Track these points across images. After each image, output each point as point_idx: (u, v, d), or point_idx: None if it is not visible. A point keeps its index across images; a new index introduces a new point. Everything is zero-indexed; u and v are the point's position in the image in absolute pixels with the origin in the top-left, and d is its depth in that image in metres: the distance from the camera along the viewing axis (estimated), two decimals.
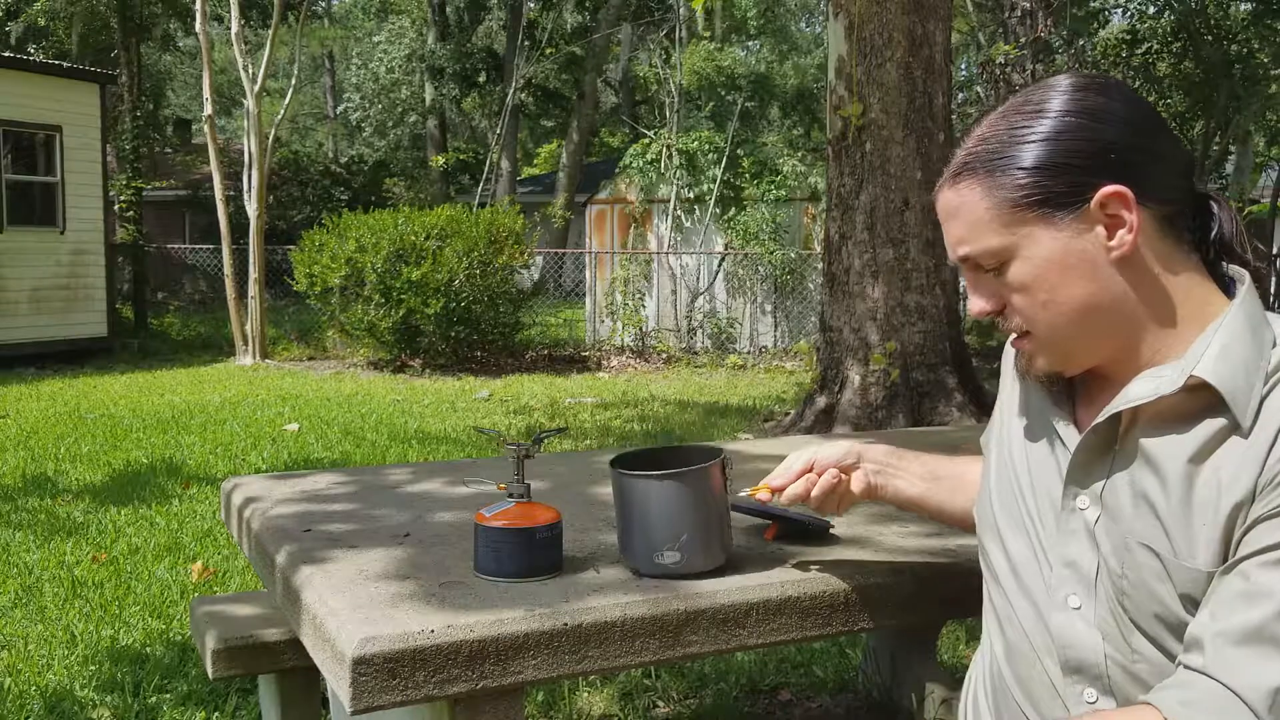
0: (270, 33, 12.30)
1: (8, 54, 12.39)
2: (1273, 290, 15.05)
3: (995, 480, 1.20)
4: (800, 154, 13.00)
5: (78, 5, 19.31)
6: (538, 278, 14.92)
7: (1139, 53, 12.67)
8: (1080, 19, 12.23)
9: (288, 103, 13.72)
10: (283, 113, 13.86)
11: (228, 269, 12.05)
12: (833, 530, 1.65)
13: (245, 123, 12.21)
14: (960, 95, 16.27)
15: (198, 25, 11.99)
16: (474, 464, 2.28)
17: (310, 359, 11.83)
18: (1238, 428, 0.98)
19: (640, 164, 13.17)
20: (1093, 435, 1.06)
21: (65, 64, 13.81)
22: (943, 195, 1.09)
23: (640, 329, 12.50)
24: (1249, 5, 12.45)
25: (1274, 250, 14.56)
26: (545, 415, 7.73)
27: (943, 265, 6.42)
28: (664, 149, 13.06)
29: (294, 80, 14.42)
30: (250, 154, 11.90)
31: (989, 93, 12.01)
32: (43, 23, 20.17)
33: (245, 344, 11.81)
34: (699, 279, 12.84)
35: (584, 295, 14.07)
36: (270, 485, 2.00)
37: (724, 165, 12.68)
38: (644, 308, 12.85)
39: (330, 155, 29.09)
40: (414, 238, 10.21)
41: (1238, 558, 0.95)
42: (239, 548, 2.67)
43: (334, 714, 2.02)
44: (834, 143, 6.51)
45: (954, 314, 6.66)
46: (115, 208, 14.84)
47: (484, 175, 19.78)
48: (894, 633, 2.48)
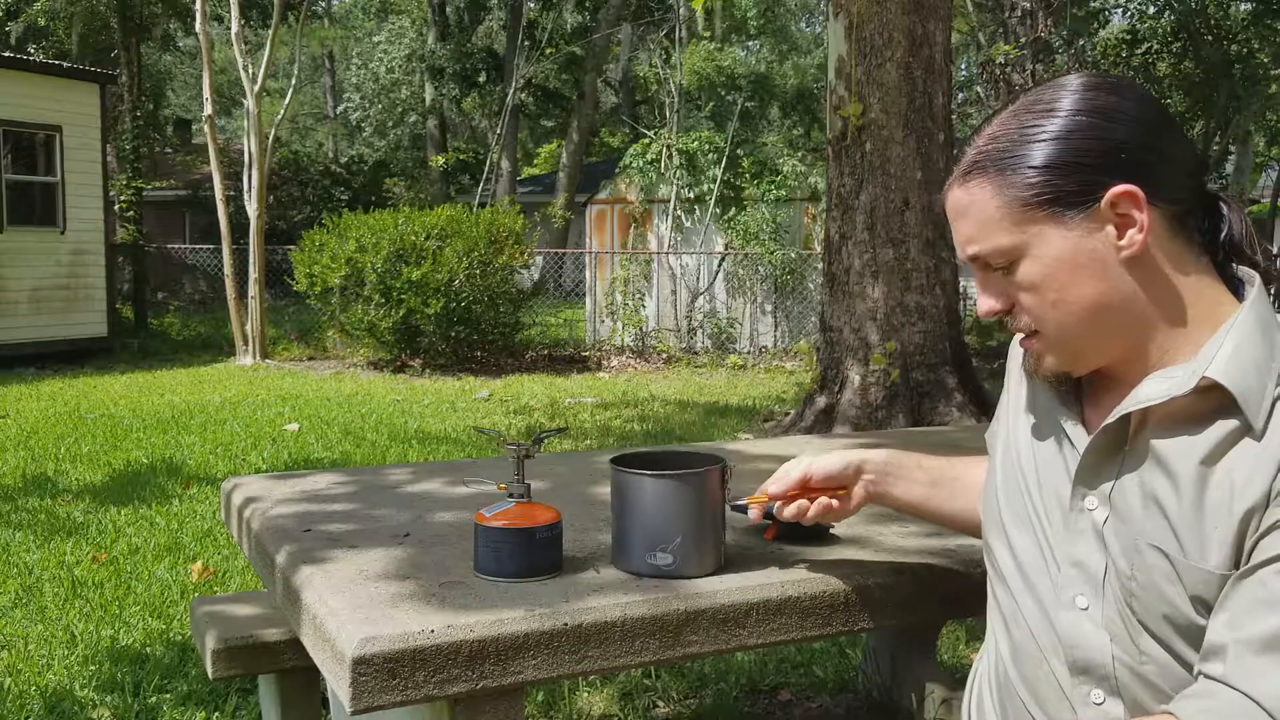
0: (270, 33, 12.30)
1: (8, 54, 12.39)
2: (1273, 291, 15.07)
3: (1001, 479, 1.20)
4: (800, 154, 12.99)
5: (78, 5, 19.31)
6: (538, 278, 14.92)
7: (1139, 53, 12.67)
8: (1080, 19, 12.23)
9: (288, 103, 13.72)
10: (283, 113, 13.86)
11: (228, 269, 12.05)
12: (833, 530, 1.65)
13: (245, 123, 12.21)
14: (960, 95, 16.27)
15: (198, 25, 11.99)
16: (474, 464, 2.28)
17: (310, 359, 11.83)
18: (1250, 429, 0.97)
19: (640, 164, 13.17)
20: (1102, 436, 1.06)
21: (65, 64, 13.82)
22: (952, 194, 1.09)
23: (640, 329, 12.50)
24: (1249, 5, 12.45)
25: (1275, 250, 14.57)
26: (545, 415, 7.73)
27: (943, 265, 6.41)
28: (664, 149, 13.06)
29: (294, 80, 14.42)
30: (250, 154, 11.90)
31: (989, 93, 12.01)
32: (43, 23, 20.17)
33: (245, 344, 11.81)
34: (699, 279, 12.84)
35: (584, 295, 14.07)
36: (270, 485, 2.00)
37: (724, 165, 12.68)
38: (644, 308, 12.85)
39: (330, 155, 29.09)
40: (414, 238, 10.21)
41: (1254, 564, 0.95)
42: (239, 548, 2.67)
43: (334, 714, 2.02)
44: (834, 143, 6.51)
45: (954, 314, 6.66)
46: (115, 208, 14.84)
47: (484, 175, 19.78)
48: (894, 633, 2.48)
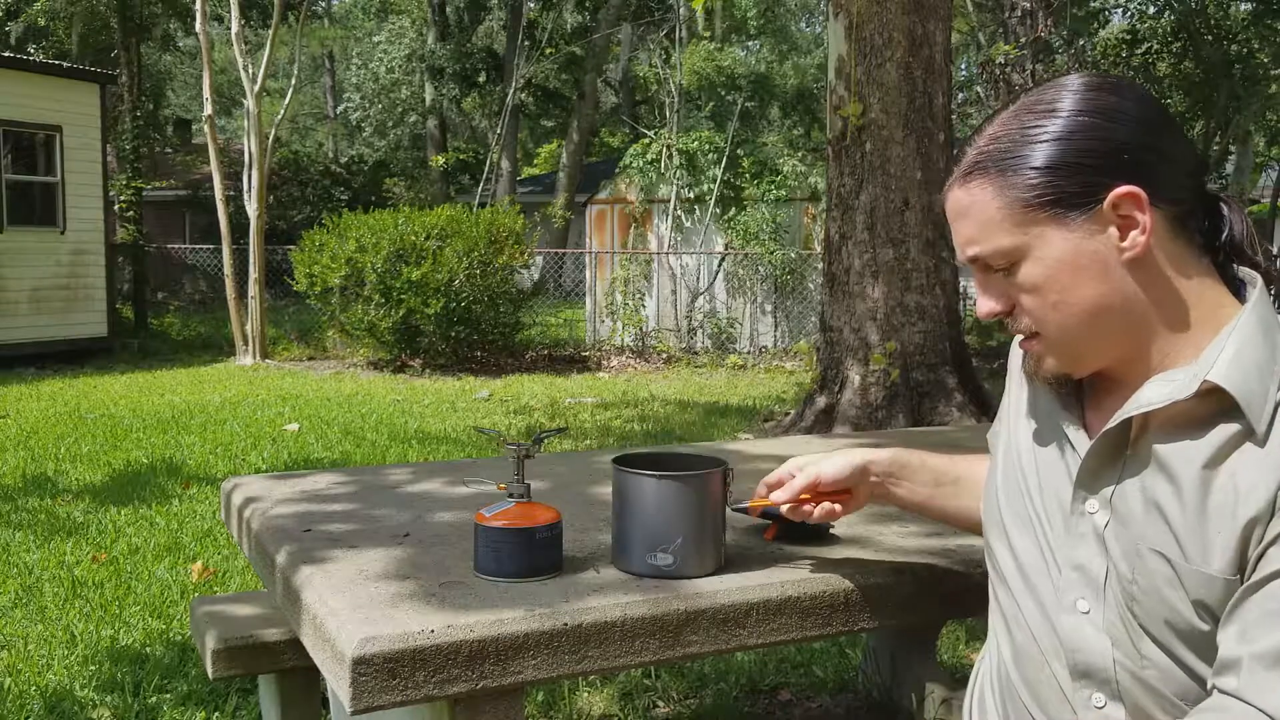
0: (270, 33, 12.30)
1: (8, 54, 12.39)
2: (1273, 290, 15.07)
3: (1003, 480, 1.19)
4: (800, 154, 12.99)
5: (78, 5, 19.31)
6: (538, 278, 14.92)
7: (1139, 53, 12.67)
8: (1080, 19, 12.23)
9: (288, 103, 13.72)
10: (283, 113, 13.86)
11: (228, 269, 12.05)
12: (832, 530, 1.65)
13: (245, 123, 12.21)
14: (960, 95, 16.28)
15: (198, 25, 11.99)
16: (474, 464, 2.28)
17: (310, 359, 11.83)
18: (1252, 433, 0.97)
19: (640, 164, 13.17)
20: (1103, 440, 1.05)
21: (65, 64, 13.81)
22: (952, 194, 1.08)
23: (640, 329, 12.50)
24: (1249, 5, 12.45)
25: (1275, 250, 14.56)
26: (545, 415, 7.73)
27: (943, 265, 6.41)
28: (664, 149, 13.06)
29: (294, 80, 14.42)
30: (250, 154, 11.90)
31: (989, 93, 12.01)
32: (43, 23, 20.17)
33: (245, 344, 11.81)
34: (699, 279, 12.84)
35: (584, 295, 14.07)
36: (270, 485, 2.00)
37: (724, 165, 12.68)
38: (644, 308, 12.85)
39: (330, 155, 29.10)
40: (414, 238, 10.21)
41: (1264, 576, 0.94)
42: (239, 548, 2.67)
43: (334, 714, 2.02)
44: (834, 143, 6.51)
45: (954, 314, 6.66)
46: (115, 208, 14.84)
47: (484, 175, 19.78)
48: (894, 633, 2.48)
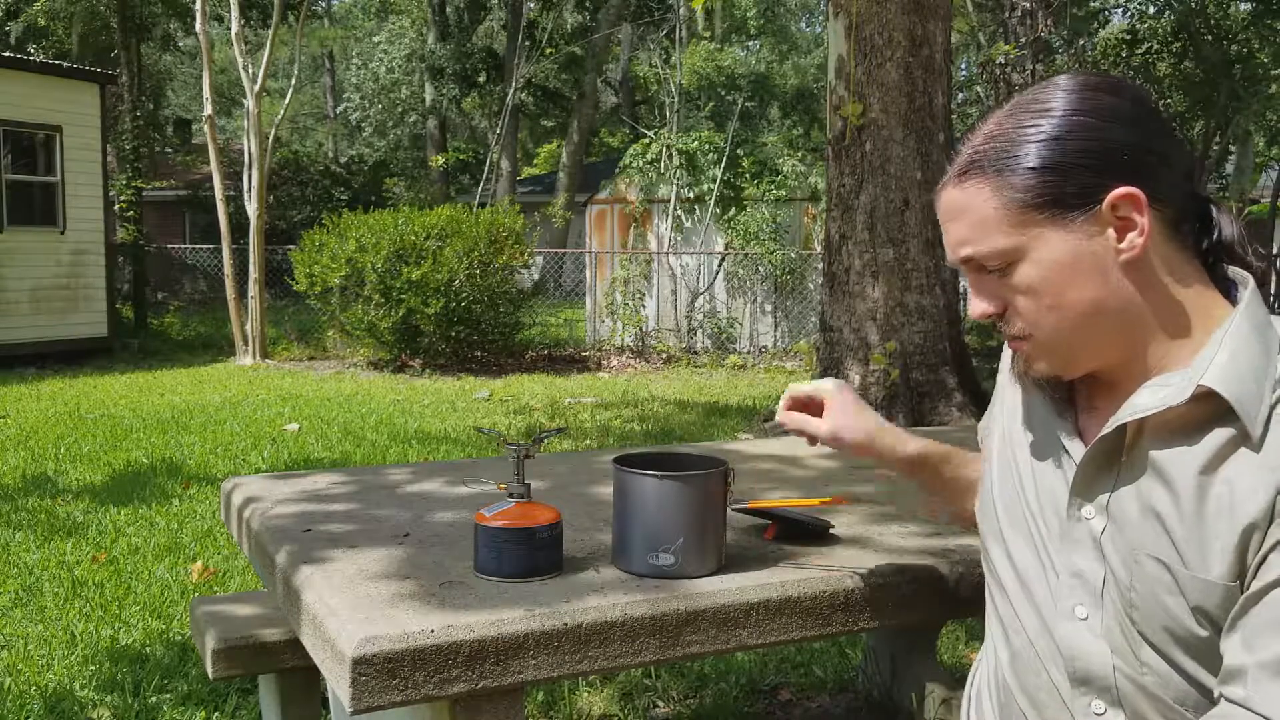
0: (270, 33, 12.30)
1: (8, 54, 12.38)
2: (1273, 291, 15.05)
3: (1000, 488, 1.18)
4: (800, 154, 12.99)
5: (78, 5, 19.32)
6: (538, 278, 14.93)
7: (1139, 53, 12.66)
8: (1080, 19, 12.23)
9: (288, 103, 13.72)
10: (283, 113, 13.86)
11: (228, 269, 12.05)
12: (833, 530, 1.65)
13: (245, 123, 12.21)
14: (960, 95, 16.29)
15: (198, 25, 11.99)
16: (474, 464, 2.28)
17: (310, 359, 11.83)
18: (1248, 438, 0.96)
19: (640, 164, 13.17)
20: (1098, 446, 1.05)
21: (65, 64, 13.80)
22: (947, 194, 1.06)
23: (640, 329, 12.50)
24: (1249, 5, 12.44)
25: (1274, 250, 14.56)
26: (545, 415, 7.73)
27: (943, 265, 6.41)
28: (664, 149, 13.06)
29: (294, 80, 14.41)
30: (250, 154, 11.90)
31: (989, 93, 12.01)
32: (43, 23, 20.18)
33: (245, 344, 11.81)
34: (699, 279, 12.84)
35: (584, 295, 14.07)
36: (270, 485, 2.00)
37: (724, 165, 12.68)
38: (644, 308, 12.85)
39: (330, 155, 29.09)
40: (414, 238, 10.21)
41: (1266, 583, 0.93)
42: (239, 548, 2.67)
43: (334, 714, 2.02)
44: (834, 143, 6.51)
45: (954, 314, 6.66)
46: (115, 208, 14.84)
47: (484, 175, 19.78)
48: (894, 633, 2.48)
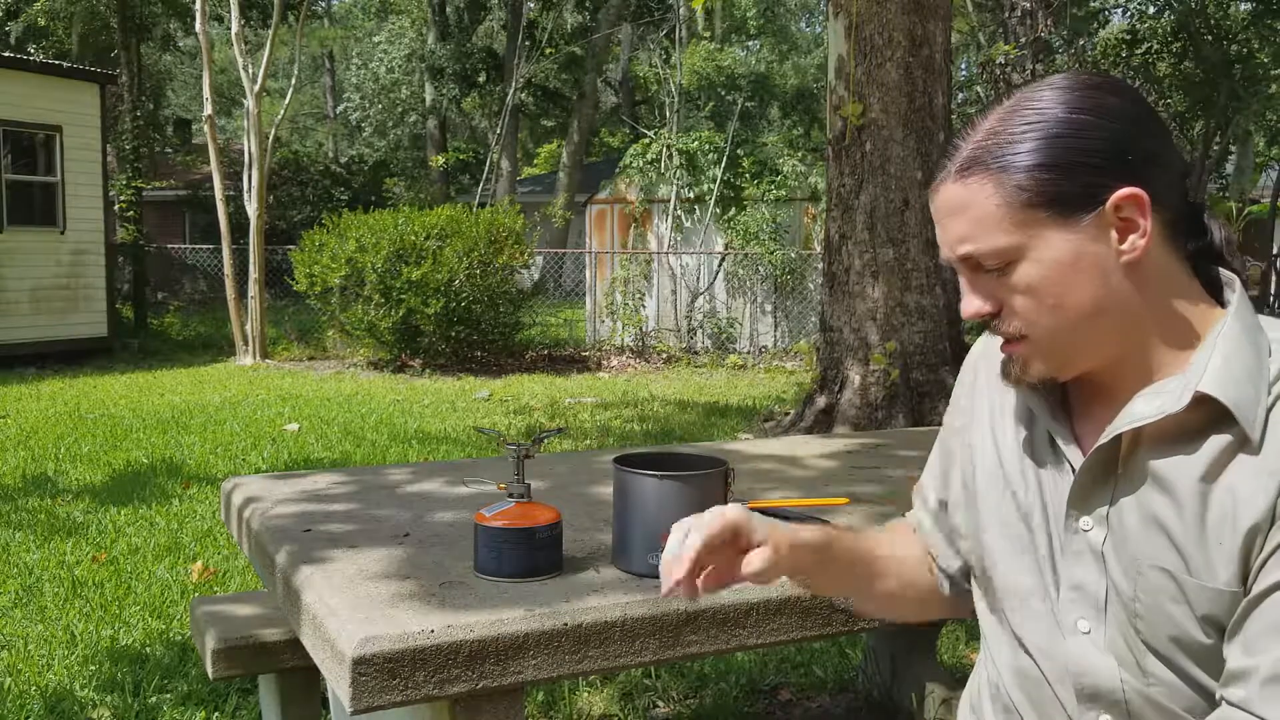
0: (270, 33, 12.30)
1: (8, 54, 12.38)
2: (1273, 291, 15.05)
3: (993, 503, 1.15)
4: (800, 154, 12.99)
5: (78, 5, 19.32)
6: (538, 278, 14.92)
7: (1139, 53, 12.66)
8: (1080, 19, 12.23)
9: (288, 103, 13.72)
10: (283, 113, 13.86)
11: (228, 269, 12.05)
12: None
13: (245, 123, 12.21)
14: (960, 95, 16.28)
15: (198, 25, 11.99)
16: (474, 464, 2.28)
17: (310, 359, 11.83)
18: (1246, 442, 0.95)
19: (640, 164, 13.17)
20: (1095, 456, 1.03)
21: (65, 64, 13.80)
22: (947, 190, 1.03)
23: (640, 329, 12.50)
24: (1249, 5, 12.44)
25: (1274, 250, 14.55)
26: (545, 415, 7.73)
27: (943, 265, 6.41)
28: (664, 149, 13.06)
29: (294, 80, 14.41)
30: (250, 154, 11.90)
31: (989, 93, 12.01)
32: (43, 23, 20.18)
33: (245, 344, 11.81)
34: (699, 279, 12.84)
35: (584, 295, 14.07)
36: (270, 485, 2.00)
37: (724, 165, 12.68)
38: (644, 308, 12.85)
39: (330, 155, 29.08)
40: (414, 238, 10.21)
41: (1267, 586, 0.93)
42: (239, 548, 2.67)
43: (334, 714, 2.02)
44: (834, 143, 6.51)
45: (954, 314, 6.65)
46: (115, 208, 14.84)
47: (484, 175, 19.78)
48: (894, 633, 2.48)
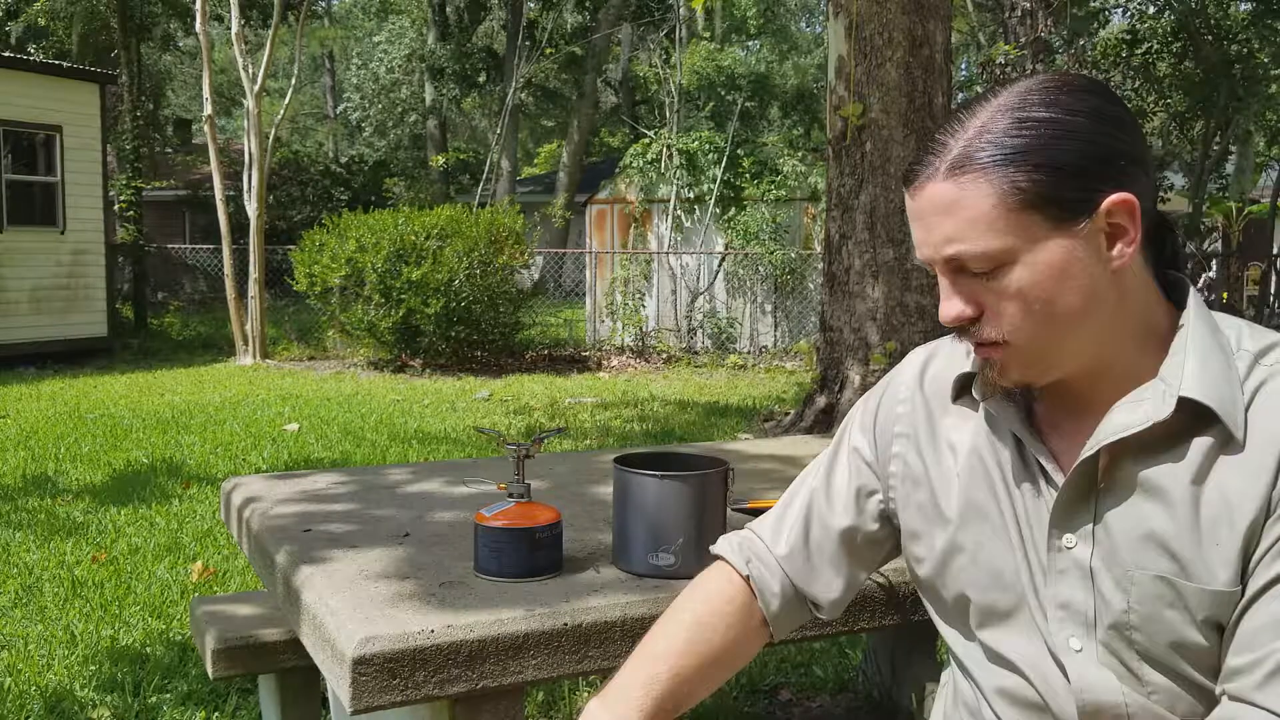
0: (270, 33, 12.30)
1: (8, 54, 12.38)
2: (1274, 291, 15.05)
3: (971, 530, 1.12)
4: (800, 154, 12.99)
5: (78, 5, 19.32)
6: (538, 278, 14.91)
7: (1139, 53, 12.66)
8: (1080, 19, 12.22)
9: (288, 103, 13.72)
10: (283, 113, 13.85)
11: (228, 269, 12.05)
12: None
13: (245, 123, 12.21)
14: (960, 95, 16.28)
15: (198, 25, 11.99)
16: (474, 464, 2.28)
17: (310, 359, 11.83)
18: (1230, 441, 0.95)
19: (640, 164, 13.17)
20: (1079, 471, 1.02)
21: (65, 64, 13.80)
22: (934, 187, 1.00)
23: (640, 329, 12.50)
24: (1249, 5, 12.44)
25: (1274, 250, 14.55)
26: (545, 415, 7.73)
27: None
28: (664, 149, 13.06)
29: (294, 80, 14.41)
30: (250, 154, 11.90)
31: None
32: (43, 23, 20.18)
33: (245, 344, 11.81)
34: (699, 279, 12.84)
35: (584, 295, 14.07)
36: (270, 485, 2.00)
37: (724, 165, 12.68)
38: (644, 308, 12.85)
39: (330, 155, 29.08)
40: (414, 238, 10.21)
41: (1265, 582, 0.93)
42: (239, 548, 2.67)
43: (334, 714, 2.02)
44: (834, 143, 6.51)
45: None
46: (115, 208, 14.84)
47: (484, 175, 19.77)
48: (894, 633, 2.48)
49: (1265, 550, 0.93)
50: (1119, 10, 13.95)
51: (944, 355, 1.19)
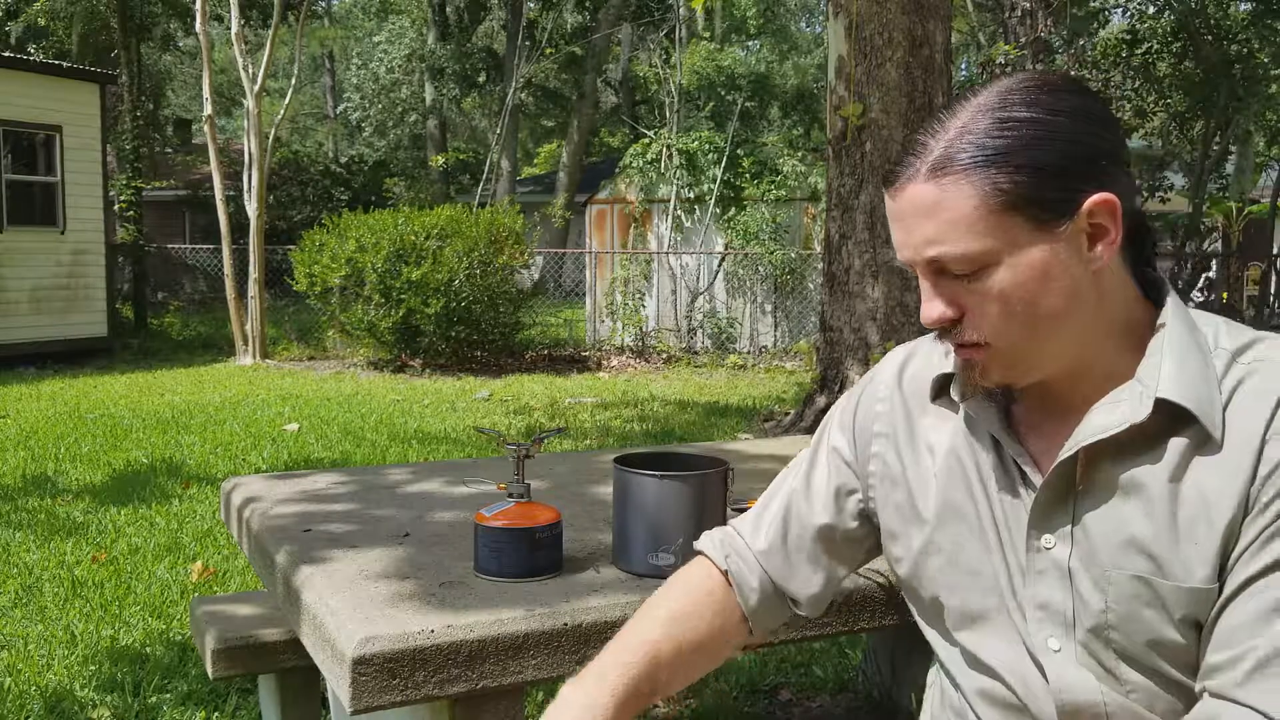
0: (270, 33, 12.30)
1: (8, 54, 12.38)
2: (1274, 290, 15.05)
3: (948, 531, 1.12)
4: (800, 154, 12.99)
5: (78, 5, 19.32)
6: (538, 278, 14.92)
7: (1139, 53, 12.66)
8: (1080, 19, 12.23)
9: (288, 103, 13.72)
10: (283, 113, 13.85)
11: (228, 269, 12.05)
12: None
13: (245, 123, 12.21)
14: None
15: (198, 25, 11.99)
16: (474, 464, 2.28)
17: (310, 359, 11.83)
18: (1207, 440, 0.95)
19: (640, 164, 13.17)
20: (1057, 472, 1.02)
21: (65, 64, 13.80)
22: (915, 189, 0.99)
23: (640, 329, 12.50)
24: (1249, 5, 12.44)
25: (1274, 250, 14.55)
26: (545, 415, 7.73)
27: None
28: (664, 149, 13.06)
29: (294, 80, 14.41)
30: (250, 154, 11.90)
31: None
32: (43, 23, 20.18)
33: (245, 344, 11.81)
34: (699, 279, 12.84)
35: (584, 295, 14.07)
36: (270, 485, 2.00)
37: (724, 165, 12.68)
38: (644, 308, 12.85)
39: (330, 155, 29.08)
40: (414, 238, 10.21)
41: (1243, 579, 0.93)
42: (239, 548, 2.67)
43: (334, 714, 2.02)
44: (834, 143, 6.51)
45: None
46: (115, 208, 14.84)
47: (484, 175, 19.77)
48: (894, 633, 2.48)
49: (1244, 548, 0.93)
50: (1119, 10, 13.95)
51: (923, 355, 1.19)
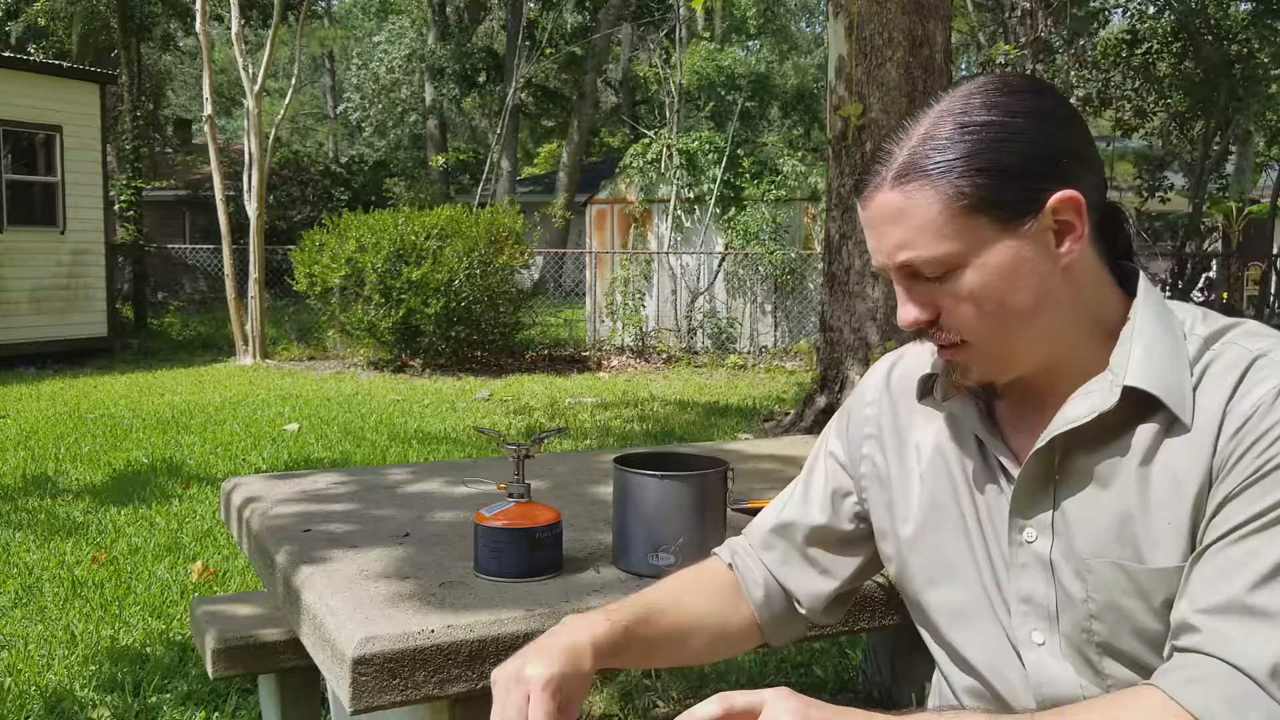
0: (270, 33, 12.30)
1: (8, 54, 12.38)
2: (1274, 290, 15.04)
3: (931, 528, 1.14)
4: (800, 154, 12.99)
5: (78, 5, 19.32)
6: (538, 278, 14.92)
7: (1139, 53, 12.66)
8: (1080, 19, 12.23)
9: (288, 103, 13.72)
10: (283, 113, 13.86)
11: (228, 269, 12.05)
12: None
13: (245, 123, 12.21)
14: None
15: (198, 25, 11.99)
16: (474, 464, 2.28)
17: (310, 359, 11.83)
18: (1176, 422, 0.97)
19: (640, 164, 13.17)
20: (1032, 463, 1.03)
21: (65, 64, 13.80)
22: (881, 197, 1.02)
23: (640, 329, 12.50)
24: (1249, 5, 12.44)
25: (1274, 250, 14.55)
26: (545, 415, 7.73)
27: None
28: (664, 149, 13.06)
29: (294, 80, 14.41)
30: (250, 154, 11.90)
31: None
32: (43, 23, 20.18)
33: (245, 344, 11.81)
34: (699, 279, 12.84)
35: (584, 295, 14.07)
36: (270, 485, 2.00)
37: (724, 165, 12.68)
38: (644, 308, 12.85)
39: (330, 155, 29.08)
40: (414, 238, 10.21)
41: (1208, 542, 0.94)
42: (239, 548, 2.67)
43: (334, 714, 2.02)
44: (834, 143, 6.51)
45: None
46: (115, 208, 14.84)
47: (484, 175, 19.77)
48: (894, 633, 2.48)
49: (1211, 515, 0.95)
50: (1119, 10, 13.95)
51: (911, 356, 1.23)
